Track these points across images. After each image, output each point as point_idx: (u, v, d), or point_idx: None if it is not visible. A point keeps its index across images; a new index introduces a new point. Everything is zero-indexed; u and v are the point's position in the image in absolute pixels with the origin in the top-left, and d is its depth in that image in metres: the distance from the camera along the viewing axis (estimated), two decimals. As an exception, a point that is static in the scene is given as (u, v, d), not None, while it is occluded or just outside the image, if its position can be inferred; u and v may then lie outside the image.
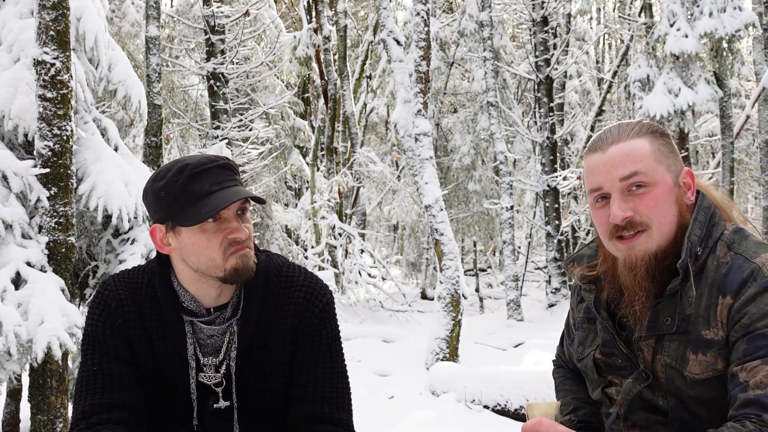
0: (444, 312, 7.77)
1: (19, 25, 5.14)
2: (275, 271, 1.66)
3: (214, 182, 1.51)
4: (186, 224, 1.51)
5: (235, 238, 1.52)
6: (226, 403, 1.63)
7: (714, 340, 1.39)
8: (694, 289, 1.41)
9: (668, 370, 1.44)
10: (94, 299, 1.66)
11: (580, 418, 1.71)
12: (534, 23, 14.72)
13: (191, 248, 1.53)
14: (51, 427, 4.54)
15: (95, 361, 1.60)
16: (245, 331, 1.61)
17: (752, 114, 12.56)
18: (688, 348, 1.41)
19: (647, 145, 1.45)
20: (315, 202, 13.21)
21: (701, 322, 1.41)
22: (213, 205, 1.48)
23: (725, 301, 1.38)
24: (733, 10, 10.45)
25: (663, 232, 1.44)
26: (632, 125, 1.49)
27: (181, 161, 1.54)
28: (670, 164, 1.47)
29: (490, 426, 5.44)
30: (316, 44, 14.26)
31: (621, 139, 1.46)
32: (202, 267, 1.54)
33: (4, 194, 4.59)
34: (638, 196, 1.43)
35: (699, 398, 1.41)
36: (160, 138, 9.17)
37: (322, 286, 1.68)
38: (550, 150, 14.52)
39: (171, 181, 1.51)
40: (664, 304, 1.45)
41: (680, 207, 1.46)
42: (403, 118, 8.10)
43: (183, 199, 1.50)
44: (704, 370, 1.39)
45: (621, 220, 1.43)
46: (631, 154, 1.44)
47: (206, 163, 1.53)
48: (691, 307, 1.41)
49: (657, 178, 1.43)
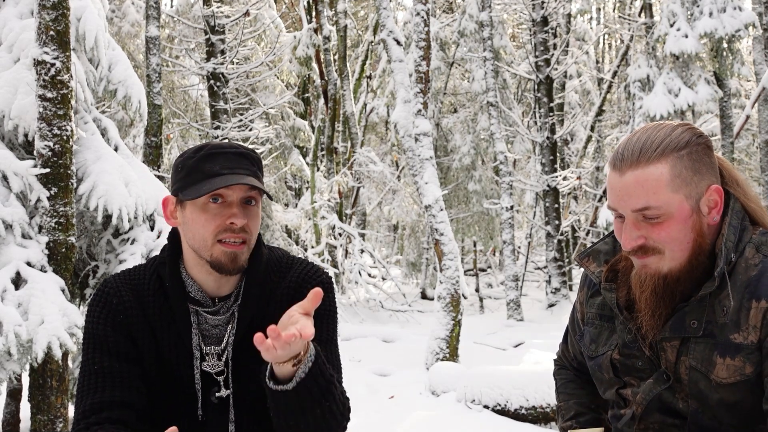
0: (444, 312, 7.77)
1: (19, 25, 5.14)
2: (275, 261, 1.70)
3: (226, 166, 1.55)
4: (187, 197, 1.55)
5: (231, 224, 1.54)
6: (228, 392, 1.63)
7: (743, 345, 1.36)
8: (731, 299, 1.37)
9: (693, 372, 1.41)
10: (94, 297, 1.66)
11: (581, 425, 1.69)
12: (534, 23, 14.73)
13: (190, 224, 1.57)
14: (51, 427, 4.54)
15: (96, 359, 1.60)
16: (244, 315, 1.62)
17: (752, 114, 12.56)
18: (715, 351, 1.39)
19: (666, 173, 1.37)
20: (315, 202, 13.21)
21: (730, 325, 1.38)
22: (215, 184, 1.52)
23: (760, 305, 1.35)
24: (733, 10, 10.45)
25: (675, 257, 1.40)
26: (659, 140, 1.39)
27: (207, 142, 1.60)
28: (691, 190, 1.38)
29: (490, 426, 5.44)
30: (316, 44, 14.25)
31: (640, 163, 1.38)
32: (195, 245, 1.57)
33: (4, 194, 4.59)
34: (652, 224, 1.39)
35: (722, 402, 1.39)
36: (160, 138, 9.18)
37: (318, 269, 1.71)
38: (550, 150, 14.52)
39: (189, 156, 1.58)
40: (691, 307, 1.42)
41: (698, 232, 1.40)
42: (403, 118, 8.10)
43: (193, 175, 1.55)
44: (731, 375, 1.37)
45: (630, 249, 1.41)
46: (645, 186, 1.36)
47: (225, 147, 1.58)
48: (726, 317, 1.38)
49: (673, 209, 1.37)
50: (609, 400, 1.60)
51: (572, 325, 1.75)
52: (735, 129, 11.94)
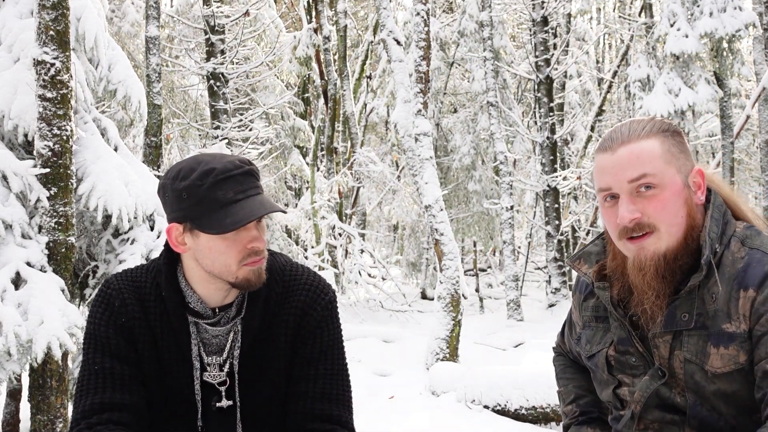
0: (444, 312, 7.77)
1: (19, 25, 5.14)
2: (279, 270, 1.66)
3: (239, 190, 1.50)
4: (208, 231, 1.50)
5: (254, 248, 1.52)
6: (229, 402, 1.62)
7: (736, 333, 1.39)
8: (719, 285, 1.41)
9: (687, 365, 1.43)
10: (97, 297, 1.65)
11: (582, 408, 1.71)
12: (534, 23, 14.72)
13: (207, 252, 1.53)
14: (51, 427, 4.54)
15: (97, 360, 1.58)
16: (248, 330, 1.61)
17: (752, 114, 12.54)
18: (709, 342, 1.41)
19: (657, 146, 1.44)
20: (315, 202, 13.21)
21: (721, 316, 1.41)
22: (239, 216, 1.47)
23: (748, 294, 1.39)
24: (733, 10, 10.44)
25: (672, 233, 1.43)
26: (643, 124, 1.48)
27: (206, 163, 1.51)
28: (681, 165, 1.46)
29: (490, 426, 5.44)
30: (316, 44, 14.24)
31: (631, 139, 1.45)
32: (215, 271, 1.54)
33: (4, 194, 4.59)
34: (647, 198, 1.42)
35: (719, 392, 1.41)
36: (160, 138, 9.18)
37: (325, 285, 1.69)
38: (550, 150, 14.52)
39: (195, 184, 1.49)
40: (681, 301, 1.45)
41: (689, 208, 1.45)
42: (403, 118, 8.10)
43: (206, 205, 1.49)
44: (726, 364, 1.39)
45: (629, 222, 1.43)
46: (641, 156, 1.43)
47: (231, 170, 1.51)
48: (715, 303, 1.41)
49: (666, 180, 1.42)
50: (607, 402, 1.61)
51: (569, 325, 1.78)
52: (735, 129, 11.93)
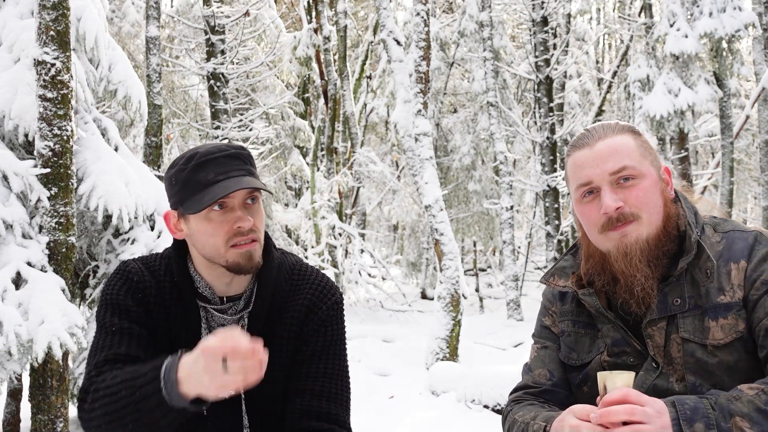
0: (444, 312, 7.78)
1: (19, 26, 5.14)
2: (288, 268, 1.71)
3: (220, 171, 1.55)
4: (189, 211, 1.55)
5: (239, 228, 1.55)
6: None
7: (732, 303, 1.44)
8: (714, 259, 1.47)
9: (686, 345, 1.46)
10: (114, 274, 1.67)
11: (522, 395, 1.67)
12: (534, 23, 14.73)
13: (198, 235, 1.58)
14: (51, 426, 4.55)
15: (114, 321, 1.60)
16: (255, 324, 1.64)
17: (752, 114, 12.55)
18: (706, 317, 1.45)
19: (632, 141, 1.53)
20: (315, 202, 13.21)
21: (713, 292, 1.46)
22: (213, 193, 1.52)
23: (739, 265, 1.46)
24: (733, 10, 10.44)
25: (652, 222, 1.49)
26: (612, 125, 1.56)
27: (194, 149, 1.59)
28: (653, 159, 1.54)
29: (490, 426, 5.44)
30: (316, 44, 14.24)
31: (607, 135, 1.53)
32: (208, 254, 1.59)
33: (5, 194, 4.60)
34: (627, 188, 1.48)
35: (722, 364, 1.44)
36: (160, 138, 9.18)
37: (332, 286, 1.72)
38: (550, 150, 14.53)
39: (180, 168, 1.57)
40: (670, 287, 1.49)
41: (665, 199, 1.53)
42: (403, 118, 8.10)
43: (189, 187, 1.56)
44: (727, 334, 1.43)
45: (613, 211, 1.47)
46: (620, 149, 1.50)
47: (214, 152, 1.57)
48: (711, 278, 1.46)
49: (644, 171, 1.50)
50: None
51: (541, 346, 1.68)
52: (735, 129, 11.94)
